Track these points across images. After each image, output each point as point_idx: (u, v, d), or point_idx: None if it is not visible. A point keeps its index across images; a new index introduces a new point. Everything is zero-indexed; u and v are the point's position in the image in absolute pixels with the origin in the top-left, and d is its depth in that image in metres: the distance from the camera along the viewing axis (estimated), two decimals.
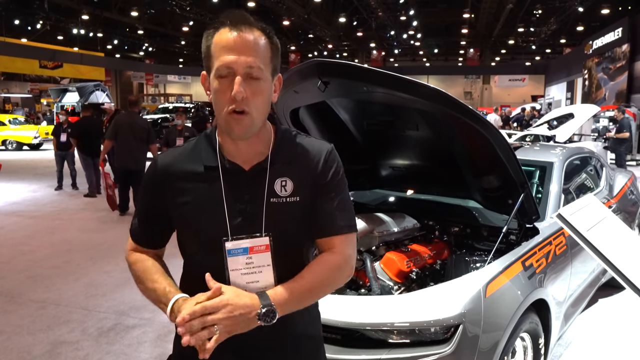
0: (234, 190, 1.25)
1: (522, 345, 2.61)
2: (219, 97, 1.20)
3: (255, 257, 1.23)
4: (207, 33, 1.22)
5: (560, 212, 1.98)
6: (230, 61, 1.17)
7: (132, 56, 39.24)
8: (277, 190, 1.26)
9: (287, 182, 1.27)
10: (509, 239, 2.86)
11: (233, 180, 1.25)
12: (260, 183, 1.26)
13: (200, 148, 1.31)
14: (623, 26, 19.65)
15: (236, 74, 1.17)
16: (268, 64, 1.22)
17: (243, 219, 1.24)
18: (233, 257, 1.22)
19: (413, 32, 30.73)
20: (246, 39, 1.18)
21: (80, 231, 6.69)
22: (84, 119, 9.31)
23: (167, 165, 1.31)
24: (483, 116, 2.49)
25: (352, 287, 2.72)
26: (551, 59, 36.66)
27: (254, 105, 1.19)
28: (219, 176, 1.25)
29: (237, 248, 1.22)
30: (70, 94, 22.55)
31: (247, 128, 1.21)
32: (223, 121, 1.21)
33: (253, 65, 1.18)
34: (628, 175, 5.04)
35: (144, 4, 26.60)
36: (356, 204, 3.66)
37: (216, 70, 1.19)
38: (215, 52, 1.20)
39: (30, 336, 3.62)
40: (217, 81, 1.19)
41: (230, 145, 1.27)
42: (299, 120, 3.13)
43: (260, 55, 1.20)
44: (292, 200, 1.26)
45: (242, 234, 1.23)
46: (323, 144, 1.35)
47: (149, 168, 1.37)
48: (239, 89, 1.16)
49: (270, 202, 1.25)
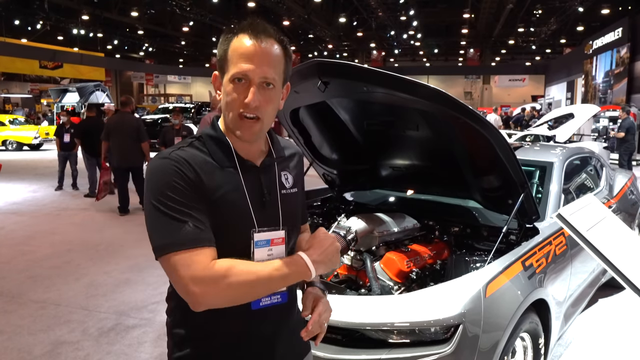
0: (253, 184, 1.30)
1: (522, 345, 2.61)
2: (232, 100, 1.24)
3: (274, 248, 1.31)
4: (226, 37, 1.26)
5: (560, 212, 1.98)
6: (247, 70, 1.22)
7: (132, 56, 39.26)
8: (284, 182, 1.38)
9: (288, 175, 1.40)
10: (509, 239, 2.86)
11: (250, 176, 1.30)
12: (272, 177, 1.35)
13: (208, 145, 1.28)
14: (623, 26, 19.64)
15: (251, 83, 1.22)
16: (281, 75, 1.28)
17: (264, 211, 1.30)
18: (259, 249, 1.28)
19: (413, 32, 30.74)
20: (264, 49, 1.23)
21: (80, 231, 6.69)
22: (88, 119, 9.35)
23: (184, 158, 1.21)
24: (483, 116, 2.50)
25: (353, 287, 2.72)
26: (551, 59, 36.66)
27: (265, 112, 1.26)
28: (237, 172, 1.28)
29: (261, 240, 1.29)
30: (71, 94, 22.56)
31: (257, 133, 1.27)
32: (233, 124, 1.26)
33: (268, 76, 1.23)
34: (628, 175, 5.04)
35: (144, 4, 26.61)
36: (356, 204, 3.67)
37: (232, 75, 1.23)
38: (232, 57, 1.23)
39: (31, 336, 3.62)
40: (232, 85, 1.24)
41: (238, 144, 1.31)
42: (299, 121, 3.13)
43: (275, 67, 1.25)
44: (293, 192, 1.39)
45: (264, 225, 1.29)
46: (293, 142, 1.56)
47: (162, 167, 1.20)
48: (253, 97, 1.22)
49: (282, 193, 1.35)
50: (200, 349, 1.30)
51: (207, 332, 1.28)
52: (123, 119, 7.47)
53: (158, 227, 1.17)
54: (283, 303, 1.33)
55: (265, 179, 1.33)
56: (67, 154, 9.56)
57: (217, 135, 1.30)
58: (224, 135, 1.30)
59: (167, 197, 1.16)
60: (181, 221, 1.15)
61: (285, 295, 1.34)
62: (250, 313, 1.27)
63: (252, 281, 1.16)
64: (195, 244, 1.14)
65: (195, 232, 1.15)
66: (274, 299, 1.31)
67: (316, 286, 1.41)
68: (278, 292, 1.31)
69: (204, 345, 1.30)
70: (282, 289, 1.31)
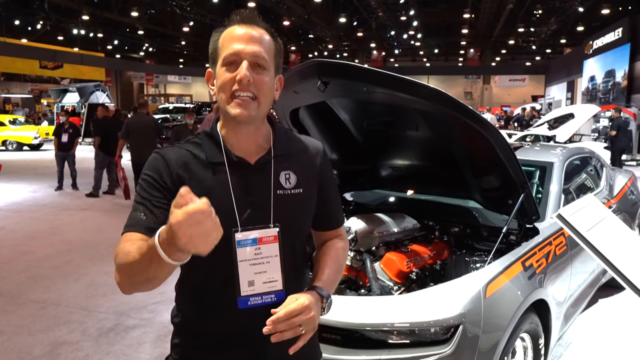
0: (241, 182, 1.27)
1: (522, 346, 2.61)
2: (224, 80, 1.22)
3: (264, 247, 1.25)
4: (217, 31, 1.28)
5: (561, 212, 1.98)
6: (237, 49, 1.21)
7: (132, 56, 39.24)
8: (282, 182, 1.31)
9: (291, 174, 1.32)
10: (509, 239, 2.85)
11: (239, 173, 1.27)
12: (266, 175, 1.29)
13: (204, 143, 1.31)
14: (623, 26, 19.62)
15: (243, 59, 1.21)
16: (272, 59, 1.27)
17: (251, 211, 1.26)
18: (242, 248, 1.24)
19: (413, 32, 30.73)
20: (253, 32, 1.24)
21: (80, 231, 6.69)
22: (105, 118, 9.38)
23: (171, 157, 1.28)
24: (483, 116, 2.49)
25: (352, 288, 2.72)
26: (551, 59, 36.63)
27: (260, 92, 1.23)
28: (225, 169, 1.26)
29: (246, 239, 1.24)
30: (71, 95, 22.59)
31: (252, 112, 1.23)
32: (226, 104, 1.23)
33: (259, 54, 1.22)
34: (628, 175, 5.03)
35: (144, 4, 26.62)
36: (356, 204, 3.66)
37: (223, 58, 1.23)
38: (223, 44, 1.24)
39: (31, 337, 3.62)
40: (224, 69, 1.23)
41: (233, 138, 1.29)
42: (299, 121, 3.13)
43: (265, 47, 1.25)
44: (296, 192, 1.31)
45: (250, 225, 1.25)
46: (315, 141, 1.43)
47: (152, 159, 1.30)
48: (245, 72, 1.20)
49: (277, 193, 1.29)
50: (193, 342, 1.32)
51: (197, 326, 1.31)
52: (141, 119, 8.21)
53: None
54: (276, 303, 1.25)
55: (255, 178, 1.28)
56: (65, 154, 9.56)
57: (211, 133, 1.32)
58: (217, 133, 1.30)
59: (140, 187, 1.27)
60: (137, 210, 1.23)
61: (281, 295, 1.26)
62: (237, 312, 1.24)
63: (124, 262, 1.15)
64: (129, 228, 1.21)
65: (137, 219, 1.21)
66: (265, 298, 1.25)
67: (315, 290, 1.30)
68: (271, 292, 1.25)
69: (195, 339, 1.32)
70: (277, 288, 1.26)
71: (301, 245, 1.37)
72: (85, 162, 11.02)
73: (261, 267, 1.25)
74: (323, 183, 1.39)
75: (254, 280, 1.24)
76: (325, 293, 1.31)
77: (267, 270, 1.26)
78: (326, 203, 1.41)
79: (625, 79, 18.96)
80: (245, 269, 1.24)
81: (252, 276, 1.24)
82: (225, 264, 1.23)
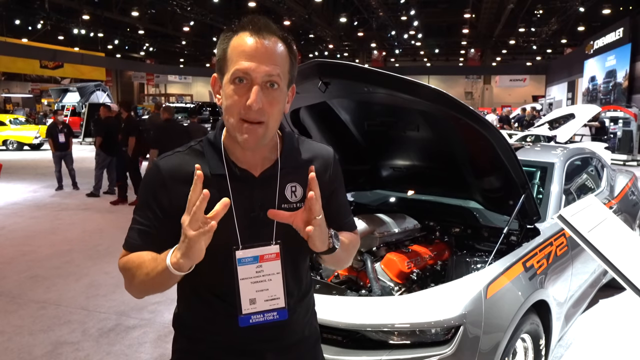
0: (243, 197, 1.21)
1: (522, 346, 2.61)
2: (233, 103, 1.13)
3: (265, 265, 1.20)
4: (226, 35, 1.17)
5: (561, 213, 1.98)
6: (248, 68, 1.12)
7: (132, 56, 39.25)
8: (288, 195, 1.25)
9: (297, 187, 1.26)
10: (510, 239, 2.85)
11: (242, 187, 1.21)
12: (271, 189, 1.23)
13: (206, 152, 1.24)
14: (624, 26, 19.63)
15: (254, 82, 1.12)
16: (286, 75, 1.18)
17: (253, 227, 1.21)
18: (243, 266, 1.18)
19: (414, 32, 30.72)
20: (267, 47, 1.13)
21: (80, 231, 6.69)
22: (107, 118, 9.36)
23: (170, 169, 1.23)
24: (484, 117, 2.49)
25: (353, 288, 2.71)
26: (552, 59, 36.63)
27: (270, 116, 1.15)
28: (226, 183, 1.20)
29: (247, 257, 1.19)
30: (71, 94, 22.60)
31: (260, 139, 1.16)
32: (234, 129, 1.15)
33: (272, 74, 1.13)
34: (629, 175, 5.03)
35: (145, 4, 26.59)
36: (357, 205, 3.66)
37: (232, 74, 1.13)
38: (232, 56, 1.14)
39: (31, 337, 3.62)
40: (232, 86, 1.13)
41: (237, 151, 1.22)
42: (300, 121, 3.13)
43: (279, 65, 1.15)
44: (302, 206, 1.20)
45: (252, 241, 1.20)
46: (326, 148, 1.35)
47: (149, 171, 1.26)
48: (255, 99, 1.11)
49: (281, 207, 1.22)
50: (190, 348, 1.31)
51: (195, 334, 1.30)
52: (168, 125, 7.73)
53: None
54: (280, 321, 1.21)
55: (260, 192, 1.22)
56: (62, 154, 9.55)
57: (214, 141, 1.25)
58: (220, 142, 1.24)
59: (137, 205, 1.28)
60: (134, 227, 1.26)
61: (284, 313, 1.21)
62: (239, 329, 1.20)
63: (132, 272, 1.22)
64: (128, 247, 1.27)
65: (132, 239, 1.26)
66: (267, 316, 1.20)
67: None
68: (274, 310, 1.20)
69: (192, 346, 1.31)
70: (279, 306, 1.20)
71: (304, 260, 1.33)
72: (86, 162, 11.03)
73: (263, 284, 1.20)
74: (333, 193, 1.33)
75: (255, 298, 1.19)
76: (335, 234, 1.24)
77: (269, 288, 1.21)
78: (333, 209, 1.32)
79: (626, 80, 18.95)
80: (247, 287, 1.19)
81: (253, 294, 1.20)
82: (225, 282, 1.20)
